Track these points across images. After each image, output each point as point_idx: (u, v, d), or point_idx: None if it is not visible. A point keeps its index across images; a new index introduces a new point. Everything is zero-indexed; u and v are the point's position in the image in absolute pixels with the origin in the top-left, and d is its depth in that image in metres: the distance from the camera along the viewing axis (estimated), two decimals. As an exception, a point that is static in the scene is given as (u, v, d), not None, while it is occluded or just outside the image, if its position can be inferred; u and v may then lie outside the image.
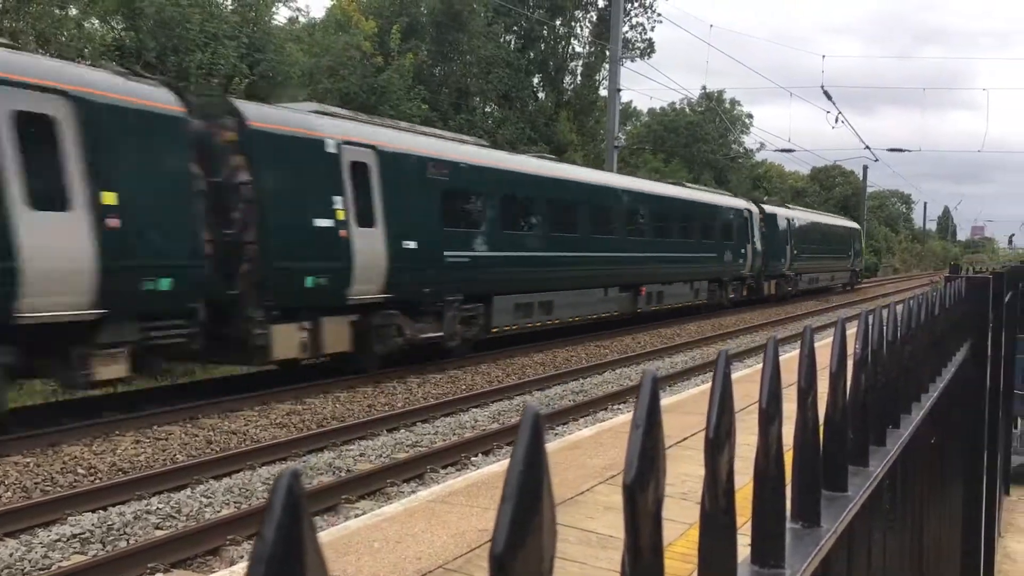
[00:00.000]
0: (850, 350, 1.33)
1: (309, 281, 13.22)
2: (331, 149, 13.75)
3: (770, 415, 0.86)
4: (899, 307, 1.65)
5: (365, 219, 14.38)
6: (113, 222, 10.34)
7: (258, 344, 12.60)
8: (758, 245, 33.49)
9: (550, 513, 0.46)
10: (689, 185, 32.27)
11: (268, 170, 12.81)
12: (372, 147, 14.68)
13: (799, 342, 1.06)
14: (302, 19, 28.59)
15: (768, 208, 36.26)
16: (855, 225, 54.43)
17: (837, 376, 1.11)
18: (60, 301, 9.84)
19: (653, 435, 0.58)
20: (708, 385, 10.85)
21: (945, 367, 2.34)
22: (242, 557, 7.01)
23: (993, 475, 4.20)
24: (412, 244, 15.26)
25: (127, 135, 10.78)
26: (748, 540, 0.92)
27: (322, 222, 13.51)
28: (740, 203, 33.28)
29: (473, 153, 17.77)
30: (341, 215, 13.86)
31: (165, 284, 11.05)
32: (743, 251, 32.06)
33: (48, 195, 9.87)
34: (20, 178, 9.54)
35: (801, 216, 41.06)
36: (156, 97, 11.41)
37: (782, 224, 36.90)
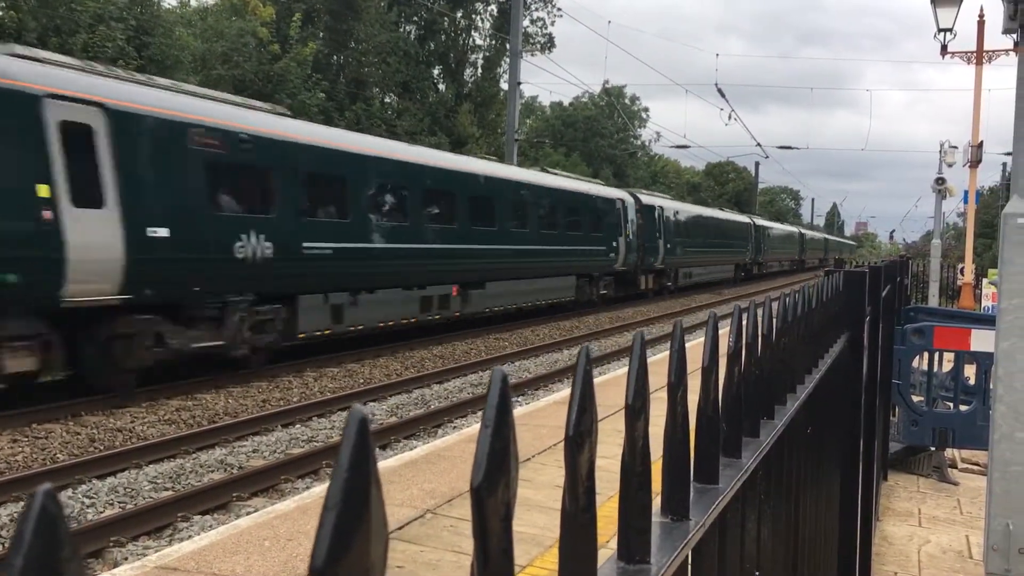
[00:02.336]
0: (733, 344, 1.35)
1: None
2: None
3: (636, 411, 0.85)
4: (775, 304, 1.68)
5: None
6: None
7: None
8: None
9: (380, 521, 0.44)
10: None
11: None
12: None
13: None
14: (193, 2, 27.75)
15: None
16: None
17: (709, 370, 1.12)
18: None
19: (503, 435, 0.57)
20: (608, 376, 10.97)
21: (822, 359, 2.41)
22: (126, 559, 6.76)
23: (870, 462, 4.37)
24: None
25: None
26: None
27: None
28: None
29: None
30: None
31: None
32: None
33: None
34: None
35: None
36: None
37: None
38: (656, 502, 1.00)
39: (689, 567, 1.03)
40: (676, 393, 0.99)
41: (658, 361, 9.47)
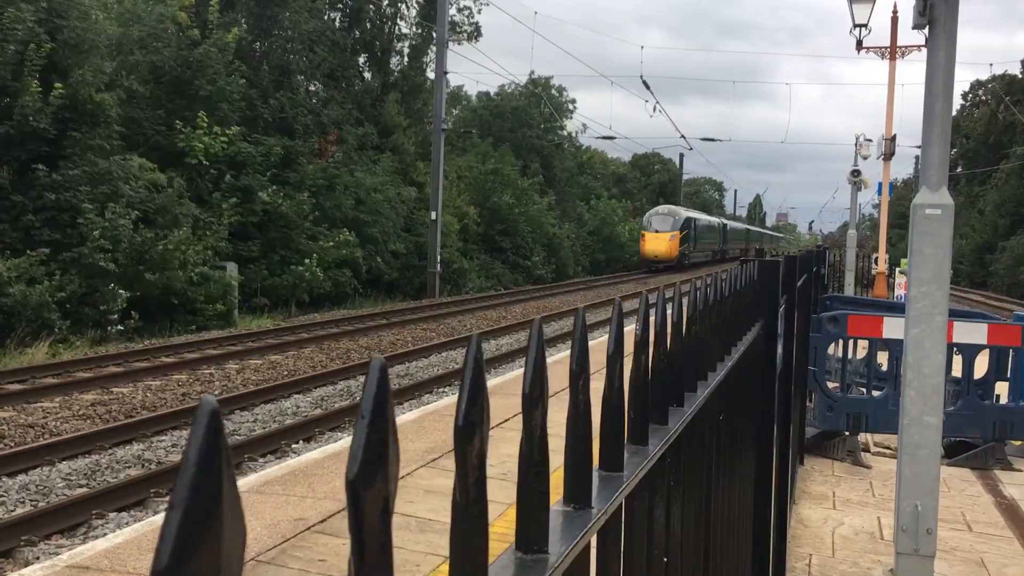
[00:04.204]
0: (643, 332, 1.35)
1: None
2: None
3: (532, 400, 0.84)
4: (684, 291, 1.69)
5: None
6: None
7: None
8: None
9: (234, 518, 0.42)
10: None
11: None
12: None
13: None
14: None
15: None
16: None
17: (613, 358, 1.12)
18: None
19: (380, 426, 0.55)
20: (552, 358, 11.08)
21: (735, 346, 2.44)
22: (38, 558, 6.55)
23: (785, 446, 4.46)
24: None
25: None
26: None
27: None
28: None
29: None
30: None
31: None
32: None
33: None
34: None
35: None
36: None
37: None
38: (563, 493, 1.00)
39: (593, 556, 1.03)
40: (578, 382, 0.98)
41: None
